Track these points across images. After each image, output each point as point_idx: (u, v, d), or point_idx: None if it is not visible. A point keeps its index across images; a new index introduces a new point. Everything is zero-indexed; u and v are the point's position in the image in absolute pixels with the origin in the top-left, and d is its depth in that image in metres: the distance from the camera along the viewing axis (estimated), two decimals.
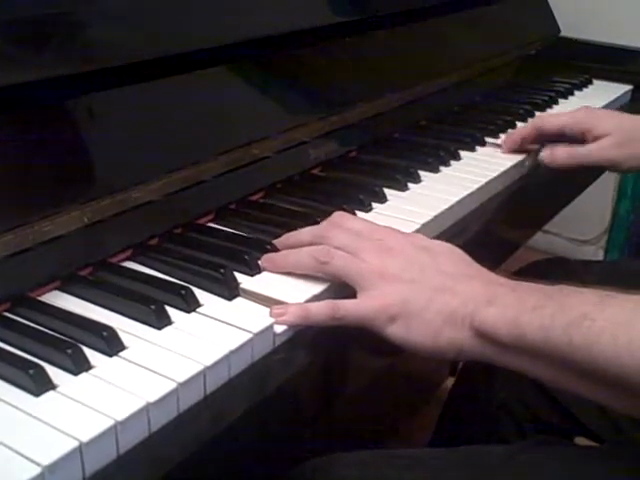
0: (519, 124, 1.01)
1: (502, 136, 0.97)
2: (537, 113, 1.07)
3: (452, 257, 0.60)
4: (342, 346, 0.60)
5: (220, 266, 0.60)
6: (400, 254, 0.59)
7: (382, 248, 0.59)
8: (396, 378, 1.29)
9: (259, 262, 0.62)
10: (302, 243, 0.62)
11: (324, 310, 0.56)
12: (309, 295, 0.59)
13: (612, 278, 0.87)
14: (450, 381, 1.37)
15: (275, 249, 0.64)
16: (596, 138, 0.88)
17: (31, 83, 0.58)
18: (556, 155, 0.89)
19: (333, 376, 0.62)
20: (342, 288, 0.59)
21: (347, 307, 0.57)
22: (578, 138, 0.89)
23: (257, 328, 0.54)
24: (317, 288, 0.60)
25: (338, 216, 0.65)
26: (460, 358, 0.58)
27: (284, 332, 0.56)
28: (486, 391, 0.87)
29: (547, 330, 0.51)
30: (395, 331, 0.56)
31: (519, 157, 0.90)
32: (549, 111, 1.11)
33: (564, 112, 0.96)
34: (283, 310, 0.56)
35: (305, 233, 0.63)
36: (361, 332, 0.57)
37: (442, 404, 1.00)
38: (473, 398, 0.92)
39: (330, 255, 0.59)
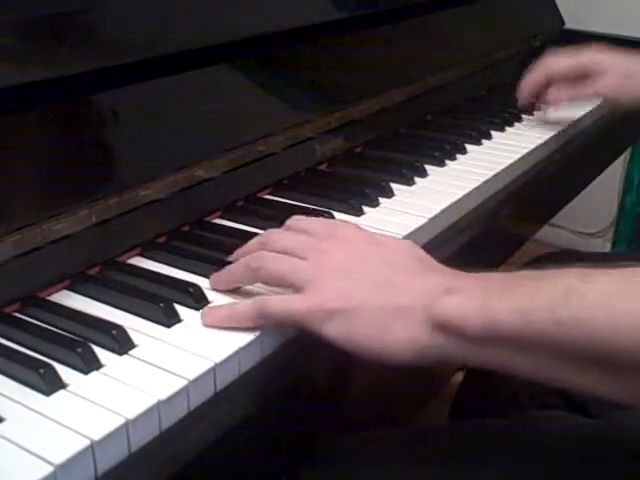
0: (525, 117, 1.01)
1: (508, 129, 0.98)
2: (542, 105, 1.07)
3: (406, 251, 0.55)
4: None
5: (228, 263, 0.60)
6: (344, 246, 0.54)
7: (324, 241, 0.54)
8: (405, 372, 1.29)
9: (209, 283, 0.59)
10: (250, 252, 0.57)
11: (250, 308, 0.52)
12: None
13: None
14: (459, 375, 1.37)
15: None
16: (597, 76, 0.93)
17: (37, 83, 0.58)
18: (560, 96, 0.95)
19: (341, 371, 0.62)
20: None
21: (277, 304, 0.51)
22: (583, 78, 0.95)
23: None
24: None
25: (289, 221, 0.60)
26: (420, 360, 0.50)
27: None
28: (496, 385, 0.87)
29: (526, 312, 0.45)
30: (333, 329, 0.50)
31: (526, 150, 0.90)
32: None
33: (568, 55, 0.99)
34: (212, 311, 0.53)
35: (252, 242, 0.58)
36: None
37: (452, 398, 1.00)
38: (483, 392, 0.92)
39: (262, 259, 0.54)
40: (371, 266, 0.52)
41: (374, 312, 0.49)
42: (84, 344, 0.50)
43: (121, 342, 0.51)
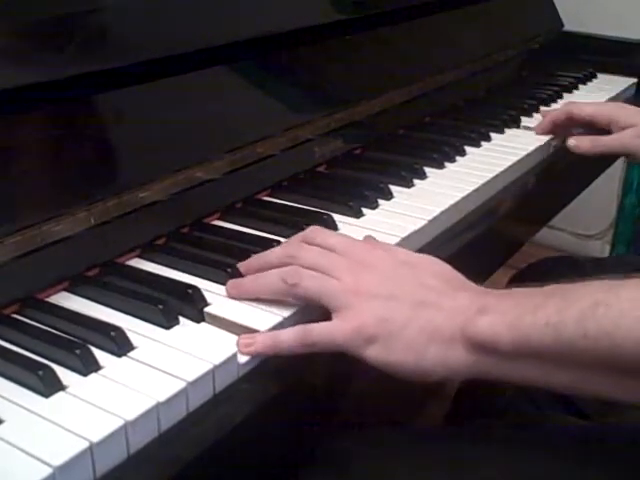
0: (524, 119, 1.01)
1: (507, 131, 0.98)
2: (542, 108, 1.07)
3: (435, 270, 0.56)
4: None
5: (227, 265, 0.60)
6: (377, 269, 0.55)
7: (356, 263, 0.55)
8: None
9: (225, 288, 0.58)
10: (271, 265, 0.57)
11: (293, 337, 0.52)
12: None
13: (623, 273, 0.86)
14: None
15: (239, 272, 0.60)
16: (621, 129, 0.92)
17: (36, 85, 0.58)
18: (581, 142, 0.92)
19: (338, 372, 0.62)
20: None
21: (319, 331, 0.52)
22: (605, 128, 0.93)
23: (266, 326, 0.54)
24: None
25: (310, 232, 0.60)
26: (451, 378, 0.53)
27: None
28: (494, 386, 0.87)
29: (555, 327, 0.47)
30: (374, 354, 0.51)
31: (525, 152, 0.90)
32: (554, 105, 1.10)
33: (594, 102, 0.98)
34: (251, 340, 0.52)
35: (274, 253, 0.58)
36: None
37: (450, 399, 1.00)
38: (480, 395, 0.92)
39: (299, 276, 0.54)
40: (407, 288, 0.53)
41: (411, 337, 0.51)
42: (83, 346, 0.50)
43: (120, 344, 0.51)
